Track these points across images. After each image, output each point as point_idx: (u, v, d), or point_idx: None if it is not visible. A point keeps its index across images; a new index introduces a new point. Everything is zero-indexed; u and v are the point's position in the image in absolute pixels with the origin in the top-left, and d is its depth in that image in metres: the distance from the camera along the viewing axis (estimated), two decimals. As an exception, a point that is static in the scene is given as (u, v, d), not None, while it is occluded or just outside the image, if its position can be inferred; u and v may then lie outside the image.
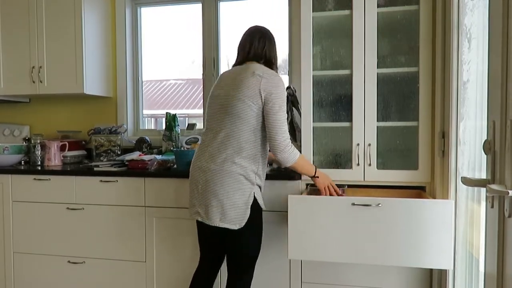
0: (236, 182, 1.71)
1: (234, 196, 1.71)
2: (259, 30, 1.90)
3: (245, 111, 1.71)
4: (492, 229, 1.10)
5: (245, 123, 1.72)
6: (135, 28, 3.12)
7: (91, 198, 2.43)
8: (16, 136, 3.15)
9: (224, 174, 1.72)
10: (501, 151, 1.06)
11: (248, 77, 1.73)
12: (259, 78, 1.72)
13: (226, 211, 1.72)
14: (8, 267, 2.60)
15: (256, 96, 1.70)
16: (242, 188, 1.72)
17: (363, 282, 2.09)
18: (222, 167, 1.72)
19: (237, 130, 1.73)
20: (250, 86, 1.71)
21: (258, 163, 1.77)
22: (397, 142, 2.17)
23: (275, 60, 1.91)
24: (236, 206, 1.72)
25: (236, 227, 1.73)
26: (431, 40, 1.95)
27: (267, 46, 1.87)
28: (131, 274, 2.40)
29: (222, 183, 1.72)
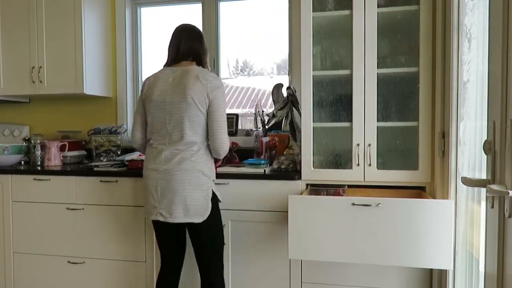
0: (195, 179, 1.83)
1: (195, 192, 1.83)
2: (185, 29, 1.97)
3: (196, 114, 1.83)
4: (492, 229, 1.10)
5: (197, 125, 1.84)
6: (135, 28, 3.12)
7: (91, 198, 2.43)
8: (16, 136, 3.15)
9: (183, 173, 1.82)
10: (501, 151, 1.06)
11: (194, 82, 1.82)
12: (204, 83, 1.82)
13: (189, 207, 1.83)
14: (8, 267, 2.60)
15: (204, 101, 1.82)
16: (202, 184, 1.84)
17: (363, 282, 2.09)
18: (181, 167, 1.83)
19: (190, 132, 1.84)
20: (197, 92, 1.82)
21: (211, 159, 1.93)
22: (397, 142, 2.17)
23: (204, 55, 1.98)
24: (198, 201, 1.84)
25: (200, 220, 1.84)
26: (431, 40, 1.95)
27: (195, 44, 1.95)
28: (131, 274, 2.40)
29: (183, 182, 1.82)
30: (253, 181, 2.18)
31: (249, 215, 2.20)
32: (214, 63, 2.96)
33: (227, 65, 3.11)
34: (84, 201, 2.45)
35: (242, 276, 2.24)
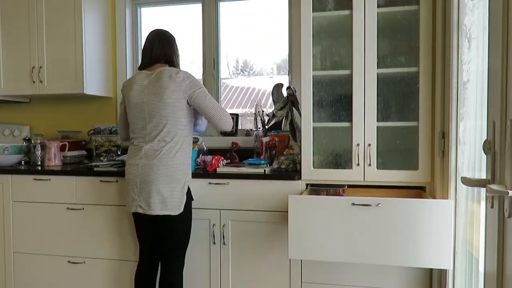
0: (172, 173, 1.95)
1: (172, 185, 1.95)
2: (157, 34, 2.09)
3: (173, 112, 1.94)
4: (492, 229, 1.10)
5: (174, 123, 1.96)
6: (135, 28, 3.12)
7: (91, 198, 2.43)
8: (16, 136, 3.15)
9: (162, 168, 1.94)
10: (501, 151, 1.06)
11: (169, 82, 1.94)
12: (178, 81, 1.93)
13: (166, 200, 1.95)
14: (8, 267, 2.60)
15: (181, 99, 1.95)
16: (178, 178, 1.96)
17: (363, 282, 2.09)
18: (160, 162, 1.95)
19: (168, 130, 1.96)
20: (174, 90, 1.93)
21: (188, 156, 2.04)
22: (397, 142, 2.17)
23: (176, 58, 2.11)
24: (174, 195, 1.96)
25: (176, 212, 1.97)
26: (431, 40, 1.95)
27: (166, 48, 2.07)
28: (131, 274, 2.40)
29: (161, 176, 1.94)
30: (253, 181, 2.18)
31: (249, 215, 2.20)
32: (214, 63, 2.96)
33: (227, 65, 3.11)
34: (84, 201, 2.45)
35: (242, 276, 2.24)
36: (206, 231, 2.27)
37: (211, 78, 2.96)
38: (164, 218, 1.98)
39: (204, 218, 2.25)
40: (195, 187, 2.24)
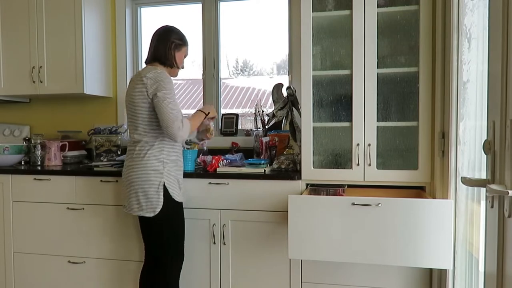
0: (145, 173, 1.93)
1: (144, 185, 1.93)
2: (155, 33, 2.07)
3: (143, 112, 1.93)
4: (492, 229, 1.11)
5: (144, 122, 1.94)
6: (135, 28, 3.12)
7: (91, 198, 2.43)
8: (16, 136, 3.15)
9: (135, 167, 1.95)
10: (501, 151, 1.06)
11: (137, 83, 1.93)
12: (145, 81, 1.90)
13: (141, 200, 1.95)
14: (8, 267, 2.60)
15: (145, 98, 1.91)
16: (151, 178, 1.93)
17: (363, 282, 2.09)
18: (135, 161, 1.96)
19: (141, 129, 1.96)
20: (139, 90, 1.91)
21: (164, 154, 1.97)
22: (397, 142, 2.17)
23: (164, 57, 2.03)
24: (147, 195, 1.93)
25: (150, 214, 1.94)
26: (431, 40, 1.95)
27: (156, 46, 2.04)
28: (131, 274, 2.40)
29: (136, 175, 1.95)
30: (253, 181, 2.18)
31: (249, 215, 2.20)
32: (214, 63, 2.96)
33: (227, 65, 3.11)
34: (84, 201, 2.45)
35: (242, 276, 2.24)
36: (206, 231, 2.27)
37: (211, 78, 2.96)
38: (144, 219, 2.00)
39: (204, 218, 2.26)
40: (194, 187, 2.25)
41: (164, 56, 2.03)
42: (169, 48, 2.03)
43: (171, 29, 2.08)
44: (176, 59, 2.06)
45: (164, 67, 2.03)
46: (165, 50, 2.03)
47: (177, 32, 2.08)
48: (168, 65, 2.04)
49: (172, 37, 2.04)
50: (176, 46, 2.05)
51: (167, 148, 1.99)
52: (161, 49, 2.03)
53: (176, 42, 2.05)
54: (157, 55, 2.03)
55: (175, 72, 2.11)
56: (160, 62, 2.04)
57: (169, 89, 1.91)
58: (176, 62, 2.07)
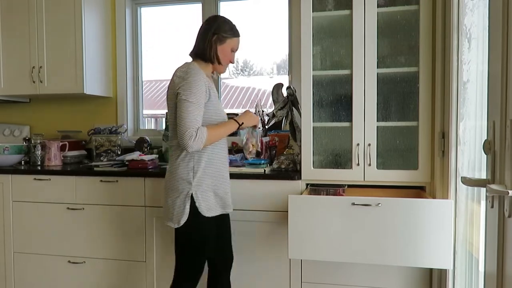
0: (174, 182, 1.78)
1: (171, 194, 1.79)
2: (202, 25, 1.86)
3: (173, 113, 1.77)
4: (492, 229, 1.10)
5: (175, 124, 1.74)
6: (135, 28, 3.12)
7: (91, 198, 2.43)
8: (16, 136, 3.15)
9: (168, 173, 1.83)
10: (501, 151, 1.06)
11: (171, 83, 1.79)
12: (174, 79, 1.75)
13: (168, 209, 1.81)
14: (8, 267, 2.60)
15: (174, 96, 1.74)
16: (179, 188, 1.77)
17: (363, 282, 2.09)
18: (169, 167, 1.84)
19: (172, 132, 1.80)
20: (170, 89, 1.79)
21: (194, 161, 1.76)
22: (397, 142, 2.17)
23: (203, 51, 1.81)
24: (173, 205, 1.78)
25: (174, 225, 1.78)
26: (431, 40, 1.95)
27: (197, 39, 1.85)
28: (131, 274, 2.40)
29: (167, 183, 1.83)
30: (253, 181, 2.18)
31: (249, 214, 2.20)
32: (214, 63, 2.96)
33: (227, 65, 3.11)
34: (85, 201, 2.45)
35: (242, 276, 2.24)
36: (206, 231, 2.27)
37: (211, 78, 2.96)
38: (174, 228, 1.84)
39: (204, 218, 2.25)
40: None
41: (203, 51, 1.80)
42: (209, 41, 1.79)
43: (214, 19, 1.83)
44: (218, 54, 1.81)
45: (206, 63, 1.83)
46: (205, 44, 1.79)
47: (223, 22, 1.82)
48: (208, 60, 1.82)
49: (214, 28, 1.79)
50: (219, 38, 1.80)
51: (199, 155, 1.77)
52: (201, 42, 1.81)
53: (218, 34, 1.79)
54: (197, 50, 1.83)
55: (220, 69, 1.87)
56: (200, 57, 1.82)
57: (193, 90, 1.68)
58: (218, 57, 1.82)
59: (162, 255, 2.35)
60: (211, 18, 1.86)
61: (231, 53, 1.87)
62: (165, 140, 2.76)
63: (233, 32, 1.84)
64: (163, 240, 2.35)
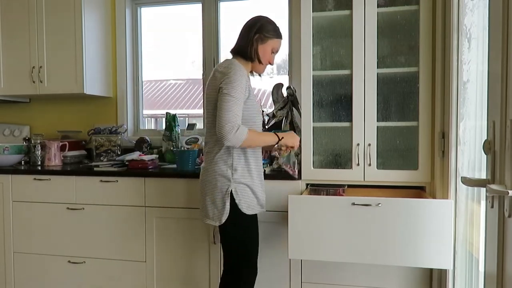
0: (212, 179, 1.77)
1: (210, 192, 1.78)
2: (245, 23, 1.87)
3: (214, 109, 1.74)
4: (492, 229, 1.10)
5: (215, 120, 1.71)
6: (135, 28, 3.12)
7: (91, 198, 2.43)
8: (16, 136, 3.15)
9: (206, 172, 1.81)
10: (501, 151, 1.06)
11: (212, 78, 1.79)
12: (217, 75, 1.75)
13: (207, 208, 1.80)
14: (8, 267, 2.60)
15: (215, 91, 1.73)
16: (217, 185, 1.76)
17: (363, 282, 2.09)
18: (205, 165, 1.82)
19: (212, 128, 1.76)
20: (212, 86, 1.77)
21: (233, 158, 1.76)
22: (397, 142, 2.17)
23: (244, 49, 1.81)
24: (213, 203, 1.77)
25: (216, 223, 1.78)
26: (431, 40, 1.95)
27: (239, 37, 1.85)
28: (131, 274, 2.40)
29: (204, 181, 1.81)
30: (253, 181, 2.18)
31: (249, 215, 2.20)
32: (214, 62, 2.96)
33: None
34: (85, 201, 2.45)
35: (242, 276, 2.24)
36: (205, 230, 2.27)
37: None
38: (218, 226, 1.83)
39: (204, 218, 2.25)
40: (195, 187, 2.24)
41: (244, 48, 1.81)
42: (251, 40, 1.79)
43: (259, 19, 1.84)
44: (259, 53, 1.81)
45: (246, 61, 1.82)
46: (247, 42, 1.80)
47: (267, 22, 1.83)
48: (249, 58, 1.82)
49: (257, 28, 1.80)
50: (260, 37, 1.80)
51: (238, 152, 1.77)
52: (243, 40, 1.82)
53: (261, 33, 1.80)
54: (238, 47, 1.84)
55: (260, 68, 1.86)
56: (241, 54, 1.83)
57: (235, 85, 1.67)
58: (258, 56, 1.81)
59: (162, 255, 2.35)
60: (255, 17, 1.87)
61: (271, 54, 1.87)
62: (165, 140, 2.77)
63: (276, 33, 1.85)
64: (163, 240, 2.35)
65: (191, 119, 6.81)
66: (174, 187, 2.30)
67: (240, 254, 1.82)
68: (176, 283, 2.34)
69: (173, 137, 2.75)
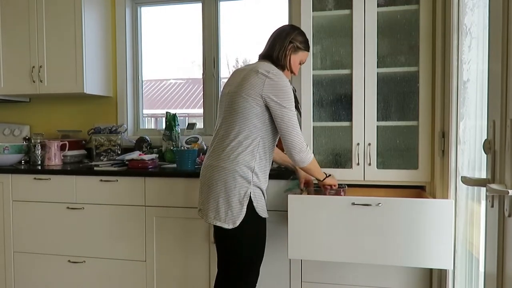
0: (231, 179, 1.68)
1: (227, 193, 1.69)
2: (276, 29, 1.88)
3: (247, 109, 1.69)
4: (492, 228, 1.10)
5: (245, 120, 1.69)
6: (135, 28, 3.12)
7: (91, 198, 2.43)
8: (16, 136, 3.15)
9: (220, 170, 1.70)
10: (501, 150, 1.05)
11: (252, 76, 1.70)
12: (262, 78, 1.69)
13: (220, 209, 1.70)
14: (8, 266, 2.60)
15: (257, 95, 1.68)
16: (237, 186, 1.68)
17: (363, 282, 2.09)
18: (220, 163, 1.71)
19: (237, 127, 1.71)
20: (252, 85, 1.69)
21: (255, 161, 1.72)
22: (397, 141, 2.17)
23: (278, 56, 1.81)
24: (229, 204, 1.68)
25: (229, 226, 1.69)
26: (431, 40, 1.94)
27: (272, 43, 1.84)
28: (131, 273, 2.40)
29: (218, 180, 1.70)
30: (253, 181, 2.18)
31: (249, 214, 2.20)
32: (214, 62, 2.96)
33: (227, 65, 3.11)
34: (85, 201, 2.45)
35: (242, 276, 2.24)
36: (205, 230, 2.27)
37: (211, 77, 2.96)
38: (221, 228, 1.73)
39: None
40: (194, 187, 2.24)
41: (278, 55, 1.81)
42: (285, 48, 1.82)
43: (294, 28, 1.87)
44: (291, 62, 1.84)
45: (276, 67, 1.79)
46: (281, 49, 1.81)
47: (300, 34, 1.86)
48: (279, 65, 1.81)
49: (292, 37, 1.82)
50: (294, 48, 1.83)
51: (260, 156, 1.74)
52: (277, 47, 1.82)
53: (294, 43, 1.83)
54: (271, 52, 1.82)
55: (286, 76, 1.83)
56: (272, 61, 1.82)
57: (291, 98, 1.71)
58: (290, 65, 1.84)
59: (162, 255, 2.35)
60: (289, 26, 1.90)
61: (299, 65, 1.90)
62: (165, 139, 2.77)
63: (307, 46, 1.88)
64: (163, 240, 2.35)
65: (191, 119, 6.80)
66: (174, 187, 2.30)
67: (247, 261, 1.77)
68: (176, 283, 2.34)
69: (173, 136, 2.75)
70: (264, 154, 1.75)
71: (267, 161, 1.78)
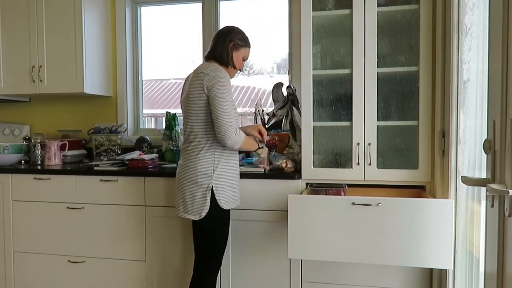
0: (194, 175, 1.87)
1: (191, 188, 1.88)
2: (218, 32, 2.05)
3: (198, 111, 1.88)
4: (492, 228, 1.10)
5: (200, 121, 1.89)
6: (135, 27, 3.11)
7: (91, 198, 2.43)
8: (16, 136, 3.15)
9: (185, 168, 1.91)
10: (501, 150, 1.05)
11: (195, 78, 1.89)
12: (202, 76, 1.86)
13: (187, 202, 1.90)
14: (8, 266, 2.60)
15: (202, 94, 1.85)
16: (199, 182, 1.87)
17: (363, 282, 2.09)
18: (186, 162, 1.92)
19: (195, 129, 1.91)
20: (196, 86, 1.87)
21: (215, 157, 1.89)
22: (397, 141, 2.17)
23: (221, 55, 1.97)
24: (194, 197, 1.88)
25: (196, 218, 1.88)
26: (431, 39, 1.94)
27: (215, 44, 1.99)
28: (132, 273, 2.40)
29: (184, 177, 1.91)
30: (253, 180, 2.18)
31: (249, 214, 2.20)
32: (214, 62, 2.96)
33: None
34: (84, 201, 2.45)
35: (242, 276, 2.24)
36: (206, 230, 2.27)
37: (211, 77, 2.96)
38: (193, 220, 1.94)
39: (204, 218, 2.25)
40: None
41: (220, 54, 1.97)
42: (226, 47, 1.97)
43: (232, 28, 2.02)
44: (234, 59, 1.99)
45: (221, 66, 1.95)
46: (223, 48, 1.97)
47: (239, 32, 2.01)
48: (224, 63, 1.97)
49: (232, 36, 1.98)
50: (235, 45, 1.98)
51: (221, 151, 1.91)
52: (219, 47, 1.98)
53: (235, 41, 1.98)
54: (215, 53, 1.98)
55: (231, 73, 2.01)
56: (217, 60, 1.97)
57: (227, 89, 1.85)
58: (233, 62, 1.99)
59: (162, 255, 2.35)
60: (228, 27, 2.04)
61: (242, 61, 2.05)
62: (165, 139, 2.76)
63: (246, 43, 2.04)
64: (163, 240, 2.35)
65: (191, 119, 6.77)
66: (174, 186, 2.29)
67: (212, 247, 1.94)
68: (176, 283, 2.34)
69: (173, 136, 2.75)
70: (223, 148, 1.90)
71: (229, 154, 1.94)
